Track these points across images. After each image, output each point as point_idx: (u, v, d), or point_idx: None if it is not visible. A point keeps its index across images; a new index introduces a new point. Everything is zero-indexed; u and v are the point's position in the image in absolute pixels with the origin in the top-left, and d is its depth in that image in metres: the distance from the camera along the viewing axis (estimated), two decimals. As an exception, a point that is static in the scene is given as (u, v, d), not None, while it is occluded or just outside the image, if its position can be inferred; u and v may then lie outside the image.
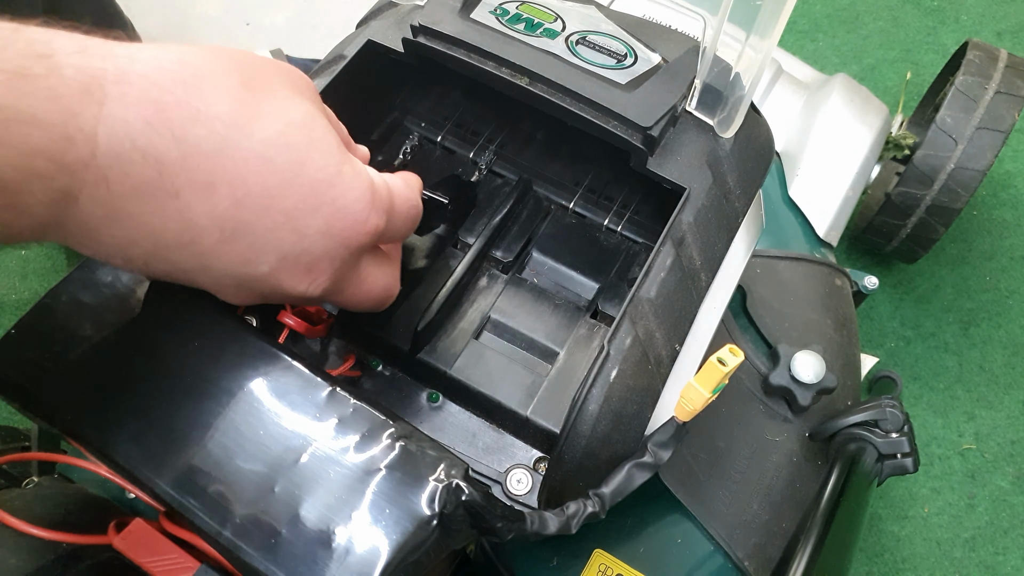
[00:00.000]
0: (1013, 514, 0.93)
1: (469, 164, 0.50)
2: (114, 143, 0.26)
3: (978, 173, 0.83)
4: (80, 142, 0.25)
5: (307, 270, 0.32)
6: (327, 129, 0.32)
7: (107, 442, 0.31)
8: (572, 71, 0.41)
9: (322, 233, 0.31)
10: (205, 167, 0.28)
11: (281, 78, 0.32)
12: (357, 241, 0.32)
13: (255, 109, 0.29)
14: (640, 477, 0.37)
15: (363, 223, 0.32)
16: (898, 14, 1.29)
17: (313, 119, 0.31)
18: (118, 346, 0.33)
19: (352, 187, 0.31)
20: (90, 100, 0.25)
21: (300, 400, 0.32)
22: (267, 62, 0.32)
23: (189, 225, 0.28)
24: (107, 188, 0.26)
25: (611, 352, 0.36)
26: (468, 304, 0.45)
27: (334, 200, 0.31)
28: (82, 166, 0.25)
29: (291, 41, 1.22)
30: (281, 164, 0.29)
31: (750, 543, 0.51)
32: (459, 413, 0.43)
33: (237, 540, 0.29)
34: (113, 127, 0.26)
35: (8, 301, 1.04)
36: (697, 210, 0.40)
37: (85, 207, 0.26)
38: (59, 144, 0.25)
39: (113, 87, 0.26)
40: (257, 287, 0.32)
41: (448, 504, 0.30)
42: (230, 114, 0.28)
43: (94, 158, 0.26)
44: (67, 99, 0.25)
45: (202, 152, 0.27)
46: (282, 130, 0.30)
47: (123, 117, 0.26)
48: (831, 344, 0.62)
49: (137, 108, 0.26)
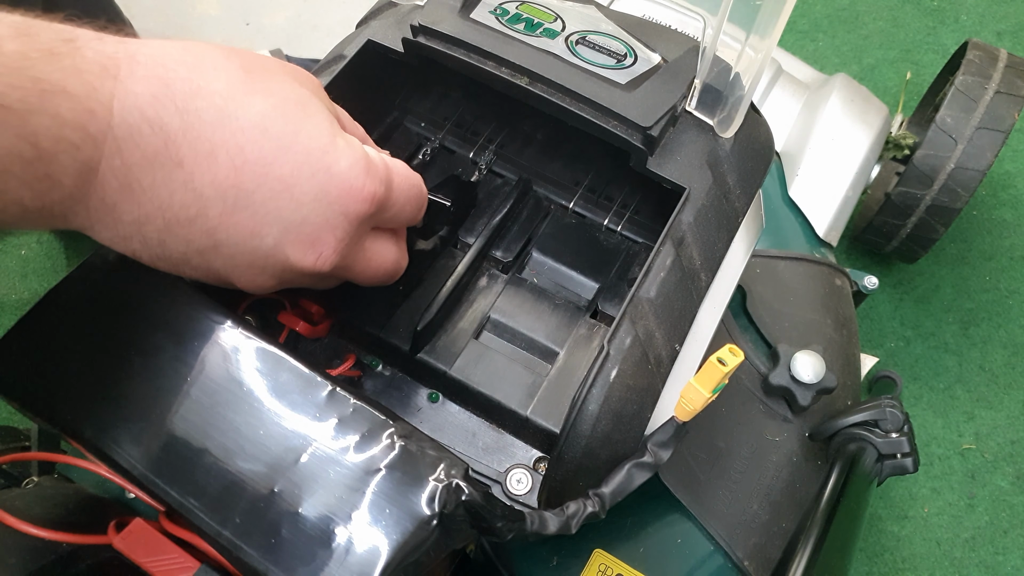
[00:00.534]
0: (1013, 514, 0.93)
1: (469, 164, 0.50)
2: (126, 114, 0.29)
3: (978, 173, 0.83)
4: (99, 114, 0.28)
5: (311, 242, 0.33)
6: (321, 108, 0.34)
7: (107, 442, 0.31)
8: (572, 71, 0.41)
9: (319, 200, 0.32)
10: (206, 136, 0.30)
11: (282, 69, 0.34)
12: (355, 208, 0.33)
13: (252, 87, 0.31)
14: (640, 477, 0.37)
15: (359, 189, 0.33)
16: (898, 14, 1.29)
17: (308, 98, 0.33)
18: (118, 346, 0.33)
19: (345, 154, 0.33)
20: (106, 75, 0.28)
21: (300, 400, 0.32)
22: (271, 60, 0.34)
23: (195, 196, 0.30)
24: (121, 159, 0.29)
25: (611, 352, 0.36)
26: (468, 304, 0.45)
27: (328, 167, 0.32)
28: (101, 136, 0.28)
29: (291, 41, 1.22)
30: (276, 133, 0.31)
31: (750, 543, 0.51)
32: (459, 413, 0.43)
33: (237, 540, 0.29)
34: (125, 100, 0.29)
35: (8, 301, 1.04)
36: (697, 210, 0.40)
37: (104, 180, 0.29)
38: (84, 116, 0.28)
39: (125, 65, 0.29)
40: (268, 265, 0.33)
41: (448, 504, 0.30)
42: (228, 89, 0.31)
43: (110, 128, 0.29)
44: (88, 74, 0.28)
45: (203, 122, 0.30)
46: (277, 104, 0.32)
47: (133, 90, 0.29)
48: (831, 344, 0.62)
49: (146, 83, 0.29)
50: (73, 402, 0.32)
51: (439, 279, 0.44)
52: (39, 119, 0.26)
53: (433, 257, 0.46)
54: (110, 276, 0.35)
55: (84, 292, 0.35)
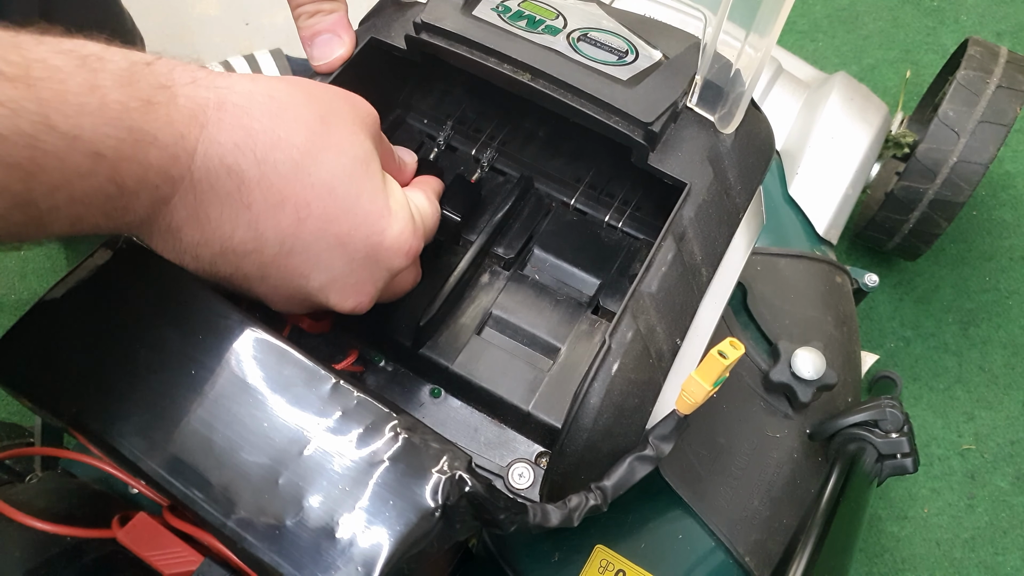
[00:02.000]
0: (1013, 514, 0.93)
1: (471, 161, 0.51)
2: (208, 161, 0.30)
3: (980, 166, 0.83)
4: (183, 160, 0.30)
5: (354, 291, 0.36)
6: (378, 168, 0.36)
7: (112, 435, 0.32)
8: (574, 67, 0.41)
9: (369, 258, 0.35)
10: (278, 187, 0.32)
11: (350, 111, 0.36)
12: (399, 264, 0.36)
13: (326, 141, 0.33)
14: (642, 470, 0.38)
15: (406, 253, 0.36)
16: (898, 14, 1.29)
17: (371, 156, 0.35)
18: (123, 339, 0.34)
19: (399, 219, 0.35)
20: (195, 123, 0.30)
21: (304, 393, 0.32)
22: (341, 96, 0.36)
23: (256, 235, 0.32)
24: (194, 196, 0.31)
25: (612, 346, 0.37)
26: (470, 300, 0.45)
27: (383, 231, 0.35)
28: (180, 178, 0.30)
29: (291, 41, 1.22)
30: (342, 193, 0.33)
31: (751, 539, 0.51)
32: (461, 408, 0.43)
33: (241, 531, 0.30)
34: (209, 148, 0.30)
35: (8, 301, 1.04)
36: (698, 206, 0.40)
37: (174, 209, 0.31)
38: (168, 161, 0.29)
39: (214, 114, 0.30)
40: (307, 300, 0.36)
41: (451, 496, 0.30)
42: (305, 144, 0.32)
43: (190, 172, 0.30)
44: (179, 124, 0.29)
45: (278, 174, 0.32)
46: (346, 164, 0.34)
47: (218, 139, 0.30)
48: (831, 341, 0.62)
49: (230, 132, 0.31)
50: (78, 395, 0.32)
51: (441, 276, 0.44)
52: (128, 165, 0.28)
53: (434, 253, 0.46)
54: (115, 270, 0.35)
55: (89, 286, 0.35)
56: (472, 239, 0.46)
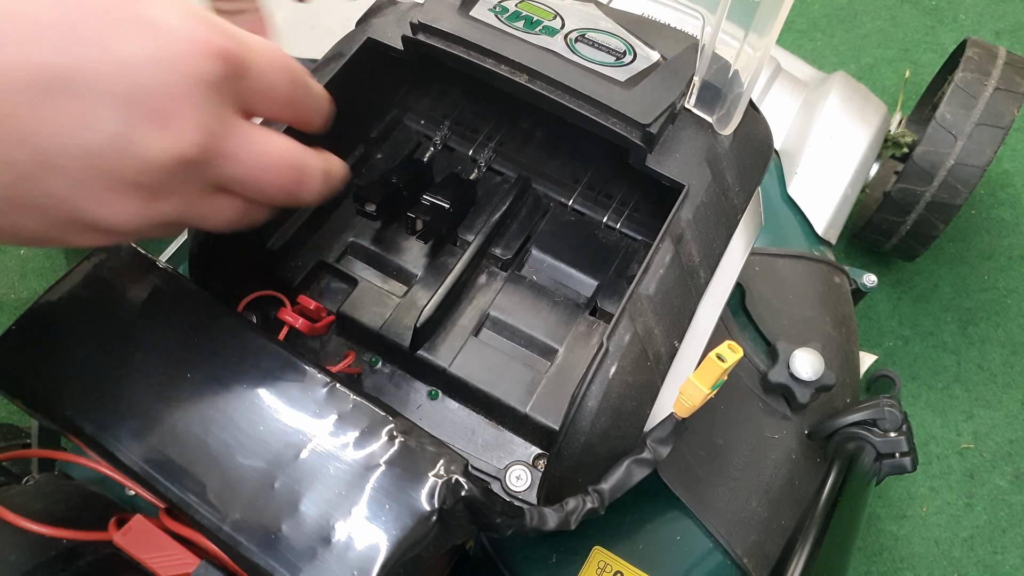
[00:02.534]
0: (1011, 513, 0.93)
1: (468, 162, 0.51)
2: None
3: (978, 169, 0.83)
4: None
5: (161, 115, 0.26)
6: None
7: (107, 438, 0.31)
8: (571, 68, 0.41)
9: (145, 57, 0.26)
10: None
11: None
12: (204, 67, 0.27)
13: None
14: (639, 473, 0.37)
15: (203, 41, 0.27)
16: (896, 13, 1.29)
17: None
18: (119, 342, 0.33)
19: (171, 2, 0.27)
20: None
21: (300, 396, 0.32)
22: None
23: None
24: None
25: (610, 348, 0.36)
26: (467, 301, 0.45)
27: (155, 19, 0.26)
28: None
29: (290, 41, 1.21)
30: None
31: (749, 540, 0.51)
32: (458, 410, 0.43)
33: (237, 535, 0.29)
34: None
35: (7, 301, 1.04)
36: (696, 207, 0.40)
37: None
38: None
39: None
40: (118, 166, 0.26)
41: (448, 500, 0.30)
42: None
43: None
44: None
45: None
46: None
47: None
48: (830, 341, 0.62)
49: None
50: (74, 398, 0.32)
51: (438, 277, 0.44)
52: None
53: (431, 253, 0.46)
54: (111, 272, 0.35)
55: (85, 288, 0.35)
56: (469, 240, 0.46)
